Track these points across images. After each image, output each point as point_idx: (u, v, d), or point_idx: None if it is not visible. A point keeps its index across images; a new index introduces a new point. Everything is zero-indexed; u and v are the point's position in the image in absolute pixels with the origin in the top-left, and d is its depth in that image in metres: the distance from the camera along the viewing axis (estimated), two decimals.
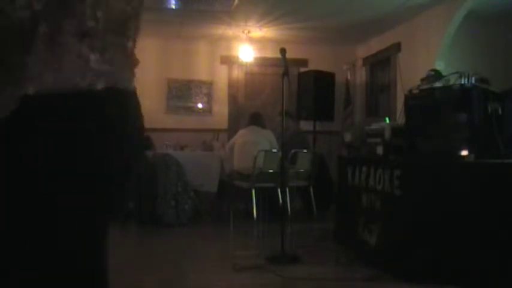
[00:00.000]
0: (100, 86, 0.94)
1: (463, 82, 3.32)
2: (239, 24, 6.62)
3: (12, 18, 0.87)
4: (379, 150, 3.90)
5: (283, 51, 3.90)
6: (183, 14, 6.06)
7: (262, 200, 5.58)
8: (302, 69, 7.56)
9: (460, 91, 3.26)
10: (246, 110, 7.00)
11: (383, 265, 3.35)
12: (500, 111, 3.27)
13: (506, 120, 3.29)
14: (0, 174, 0.90)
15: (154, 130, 6.65)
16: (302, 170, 5.69)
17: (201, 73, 7.63)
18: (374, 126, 4.18)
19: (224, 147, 6.21)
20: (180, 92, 7.53)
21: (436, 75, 4.99)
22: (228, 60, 7.71)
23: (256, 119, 5.80)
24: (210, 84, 7.65)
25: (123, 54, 1.03)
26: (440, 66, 5.69)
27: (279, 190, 5.11)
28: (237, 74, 7.85)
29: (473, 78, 3.31)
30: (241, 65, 7.67)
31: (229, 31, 6.99)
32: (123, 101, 1.02)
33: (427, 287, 2.97)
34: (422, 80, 5.25)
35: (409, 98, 3.72)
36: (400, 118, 4.43)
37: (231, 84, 7.82)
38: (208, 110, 7.65)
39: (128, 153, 1.03)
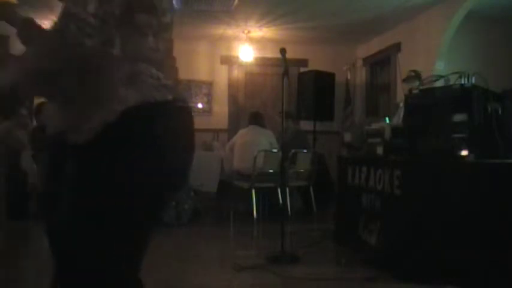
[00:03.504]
0: (170, 97, 1.21)
1: (463, 82, 3.32)
2: (239, 24, 6.62)
3: (88, 48, 1.09)
4: (379, 150, 3.90)
5: (283, 51, 3.90)
6: (183, 14, 6.06)
7: (262, 200, 5.58)
8: (302, 69, 7.57)
9: (460, 91, 3.26)
10: (246, 110, 7.00)
11: (383, 265, 3.35)
12: (500, 111, 3.26)
13: (506, 120, 3.29)
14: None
15: None
16: (302, 170, 5.69)
17: (201, 73, 7.63)
18: (374, 126, 4.18)
19: (224, 147, 6.21)
20: None
21: (416, 75, 5.02)
22: (228, 60, 7.71)
23: (256, 119, 5.80)
24: (210, 84, 7.66)
25: (174, 72, 1.35)
26: (440, 66, 5.70)
27: (279, 190, 5.11)
28: (237, 74, 7.85)
29: (473, 78, 3.31)
30: (241, 65, 7.67)
31: (229, 31, 6.99)
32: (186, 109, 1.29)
33: (427, 287, 2.97)
34: (403, 80, 5.26)
35: (409, 98, 3.72)
36: (400, 118, 4.43)
37: (231, 84, 7.82)
38: (208, 110, 7.65)
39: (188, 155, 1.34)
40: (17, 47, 1.24)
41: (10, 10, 1.27)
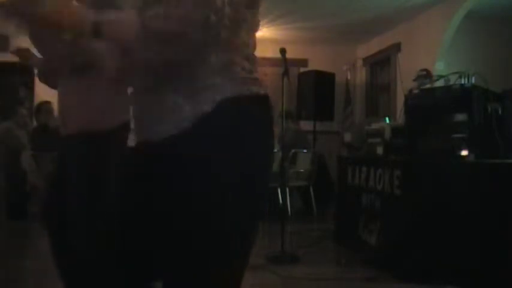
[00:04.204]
0: (263, 92, 1.19)
1: (463, 82, 3.32)
2: None
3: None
4: (379, 150, 3.90)
5: (283, 51, 3.90)
6: None
7: None
8: (302, 69, 7.56)
9: (460, 91, 3.26)
10: None
11: (383, 265, 3.34)
12: (500, 111, 3.26)
13: (506, 120, 3.29)
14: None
15: None
16: (302, 170, 5.69)
17: None
18: (374, 126, 4.18)
19: None
20: None
21: (428, 74, 5.02)
22: None
23: None
24: None
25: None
26: (440, 66, 5.69)
27: (279, 190, 5.11)
28: None
29: (473, 78, 3.31)
30: None
31: None
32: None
33: (427, 287, 2.97)
34: (414, 80, 5.26)
35: (409, 98, 3.72)
36: (400, 118, 4.43)
37: None
38: None
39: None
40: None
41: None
